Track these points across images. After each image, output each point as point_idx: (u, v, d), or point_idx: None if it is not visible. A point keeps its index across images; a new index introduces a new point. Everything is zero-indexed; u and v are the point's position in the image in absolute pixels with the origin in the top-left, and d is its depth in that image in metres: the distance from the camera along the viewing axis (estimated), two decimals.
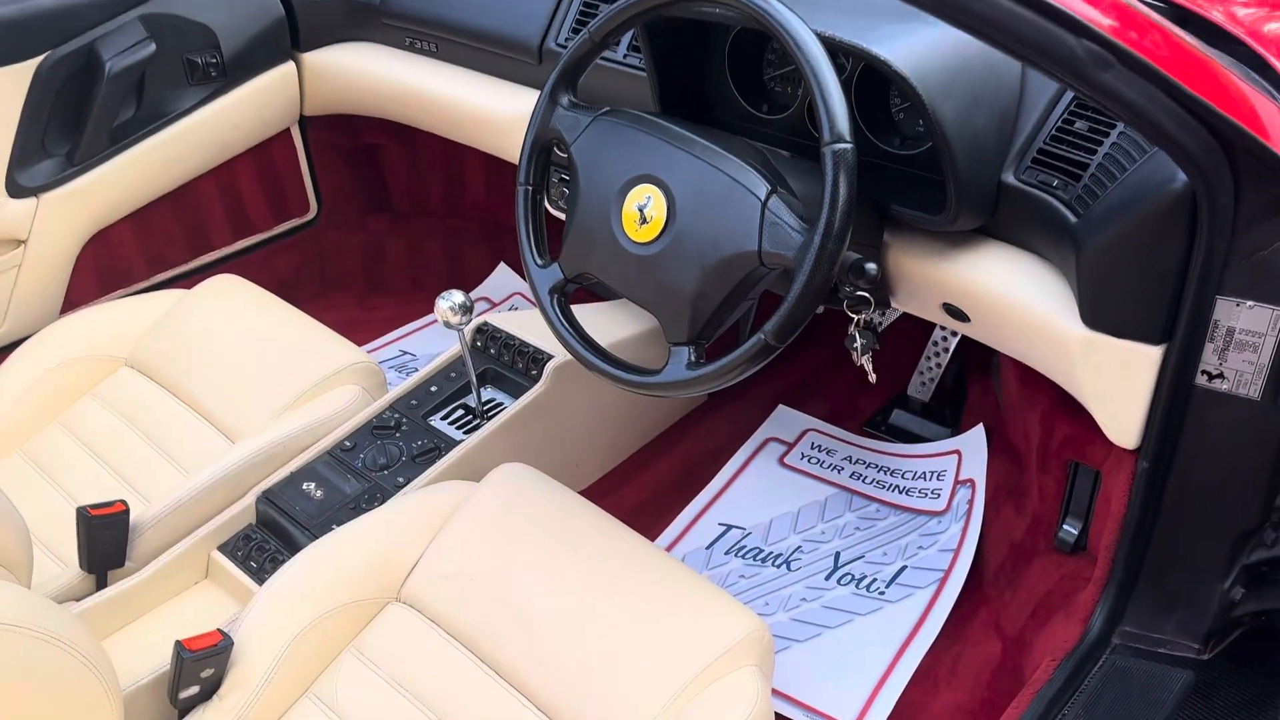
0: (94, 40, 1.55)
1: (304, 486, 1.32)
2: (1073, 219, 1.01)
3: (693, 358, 1.01)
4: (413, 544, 1.14)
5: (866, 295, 1.11)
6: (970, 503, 1.42)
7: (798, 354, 1.79)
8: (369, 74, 1.75)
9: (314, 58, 1.78)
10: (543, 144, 1.13)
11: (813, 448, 1.61)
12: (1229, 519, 1.05)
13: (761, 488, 1.54)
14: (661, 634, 1.01)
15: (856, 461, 1.58)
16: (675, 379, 1.01)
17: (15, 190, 1.55)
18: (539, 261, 1.13)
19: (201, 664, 1.04)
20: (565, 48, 1.38)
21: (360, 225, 2.01)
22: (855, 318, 1.14)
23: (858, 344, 1.15)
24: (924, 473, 1.52)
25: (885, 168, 1.18)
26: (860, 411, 1.69)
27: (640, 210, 1.03)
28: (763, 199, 0.96)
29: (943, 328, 1.62)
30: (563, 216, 1.32)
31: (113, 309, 1.55)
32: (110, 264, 1.70)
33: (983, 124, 1.05)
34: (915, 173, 1.15)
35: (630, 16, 1.04)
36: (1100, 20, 0.78)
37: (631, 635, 1.01)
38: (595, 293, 1.70)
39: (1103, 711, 1.07)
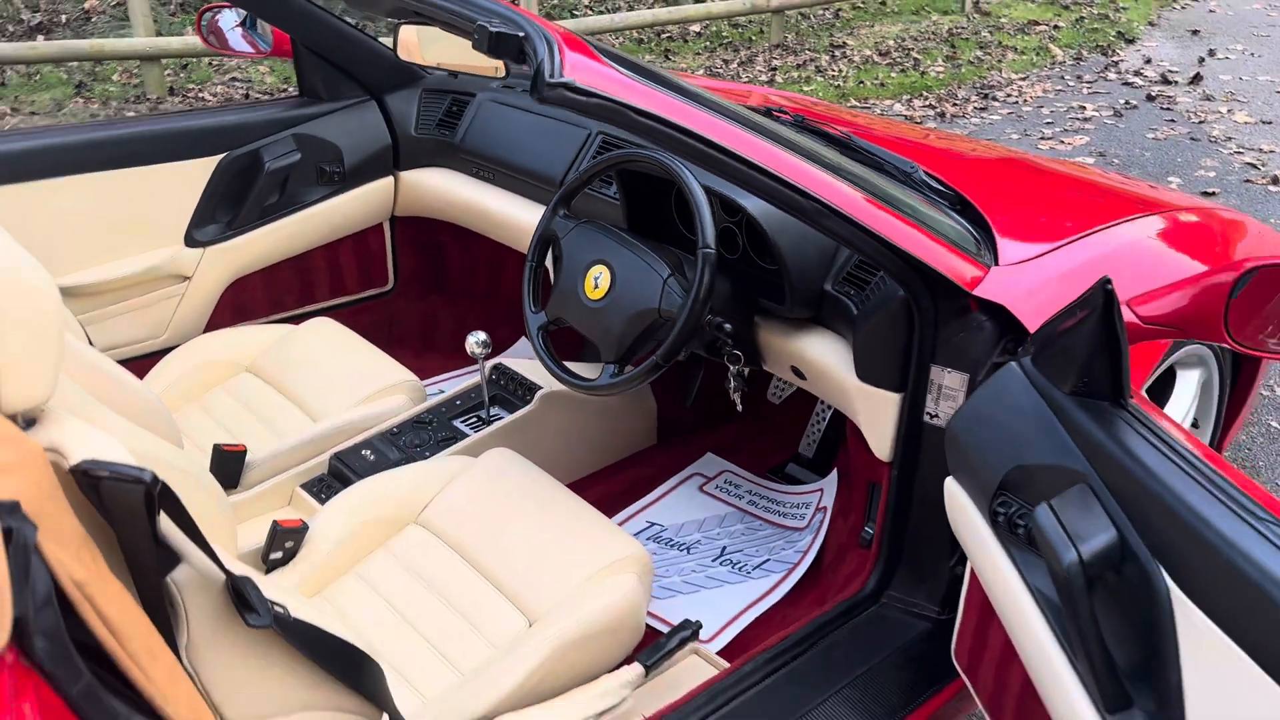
0: (259, 147, 2.28)
1: (362, 452, 1.95)
2: (855, 312, 1.65)
3: (615, 371, 1.65)
4: (430, 489, 1.75)
5: (739, 354, 1.74)
6: (821, 522, 2.01)
7: (727, 424, 2.41)
8: (443, 190, 2.45)
9: (407, 175, 2.49)
10: (545, 238, 1.80)
11: (725, 482, 2.21)
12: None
13: (681, 503, 2.14)
14: (581, 548, 1.61)
15: (753, 494, 2.17)
16: (603, 383, 1.65)
17: (190, 242, 2.25)
18: (533, 309, 1.79)
19: (286, 537, 1.65)
20: None
21: (423, 299, 2.69)
22: (733, 367, 1.77)
23: (732, 384, 1.77)
24: (797, 503, 2.11)
25: (755, 275, 1.82)
26: (766, 463, 2.30)
27: (595, 280, 1.69)
28: (664, 277, 1.62)
29: (821, 405, 2.23)
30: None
31: (240, 333, 2.23)
32: (243, 302, 2.38)
33: (811, 253, 1.70)
34: (773, 280, 1.80)
35: (596, 171, 1.73)
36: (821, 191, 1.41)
37: (563, 548, 1.61)
38: (568, 330, 2.33)
39: (859, 637, 1.63)
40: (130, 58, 5.39)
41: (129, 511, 0.99)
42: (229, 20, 2.50)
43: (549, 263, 1.93)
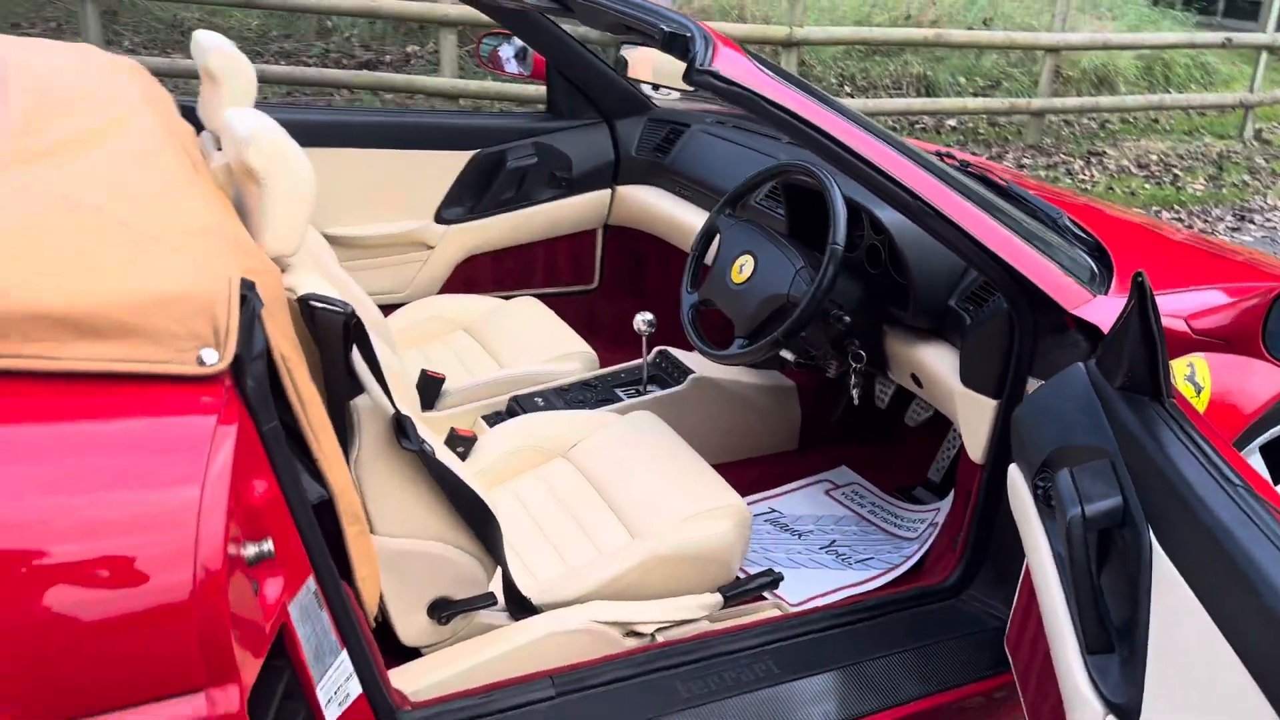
0: (506, 149, 2.72)
1: (535, 399, 2.29)
2: (968, 323, 1.82)
3: (743, 344, 1.90)
4: (580, 433, 2.06)
5: (862, 354, 1.95)
6: (930, 535, 2.14)
7: (866, 443, 2.57)
8: (650, 206, 2.80)
9: (623, 189, 2.86)
10: (708, 231, 2.09)
11: (852, 491, 2.38)
12: None
13: (805, 500, 2.33)
14: (691, 491, 1.86)
15: (875, 505, 2.33)
16: (731, 353, 1.91)
17: (439, 219, 2.71)
18: (689, 290, 2.07)
19: (459, 442, 2.01)
20: None
21: (621, 300, 3.04)
22: (855, 365, 1.98)
23: (853, 380, 1.98)
24: (913, 519, 2.25)
25: (889, 286, 2.01)
26: (895, 483, 2.44)
27: (741, 267, 1.96)
28: (797, 268, 1.87)
29: (953, 432, 2.36)
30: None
31: (464, 299, 2.65)
32: (471, 275, 2.82)
33: (939, 269, 1.89)
34: (903, 292, 1.99)
35: (759, 179, 2.01)
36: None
37: (675, 489, 1.86)
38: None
39: (928, 617, 1.77)
40: (435, 94, 6.22)
41: (332, 336, 1.35)
42: (508, 51, 3.00)
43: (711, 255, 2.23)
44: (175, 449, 1.02)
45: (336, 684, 1.30)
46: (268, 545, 1.12)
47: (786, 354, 2.43)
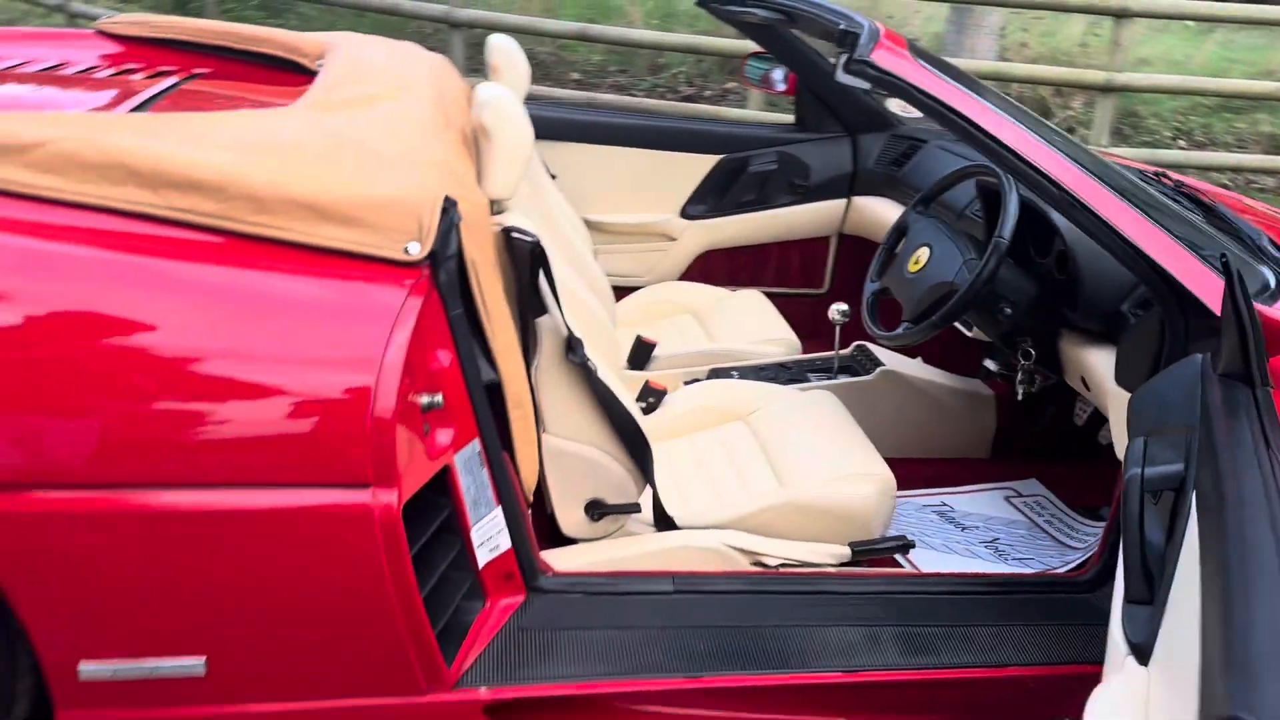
0: (751, 155, 3.00)
1: (732, 373, 2.53)
2: (1131, 323, 1.86)
3: (908, 327, 2.05)
4: (761, 401, 2.28)
5: (1031, 351, 2.03)
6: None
7: (1062, 462, 2.57)
8: (882, 216, 2.96)
9: (859, 200, 3.04)
10: (898, 227, 2.25)
11: (1034, 502, 2.41)
12: None
13: (981, 501, 2.40)
14: (843, 455, 2.03)
15: (1054, 517, 2.35)
16: (895, 334, 2.06)
17: (684, 214, 3.03)
18: (871, 280, 2.24)
19: (651, 393, 2.30)
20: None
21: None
22: (1024, 362, 2.06)
23: (1019, 375, 2.06)
24: (1088, 532, 2.25)
25: (1066, 290, 2.06)
26: (1082, 501, 2.43)
27: (918, 257, 2.10)
28: (965, 259, 1.99)
29: None
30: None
31: (697, 287, 2.95)
32: (707, 268, 3.11)
33: (1111, 273, 1.93)
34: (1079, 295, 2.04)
35: (948, 181, 2.15)
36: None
37: (829, 451, 2.04)
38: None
39: (1055, 603, 1.82)
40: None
41: (522, 261, 1.69)
42: (778, 74, 3.29)
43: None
44: (376, 310, 1.39)
45: (489, 533, 1.62)
46: (439, 398, 1.47)
47: (990, 364, 2.52)
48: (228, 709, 1.45)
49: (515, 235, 1.71)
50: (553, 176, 2.75)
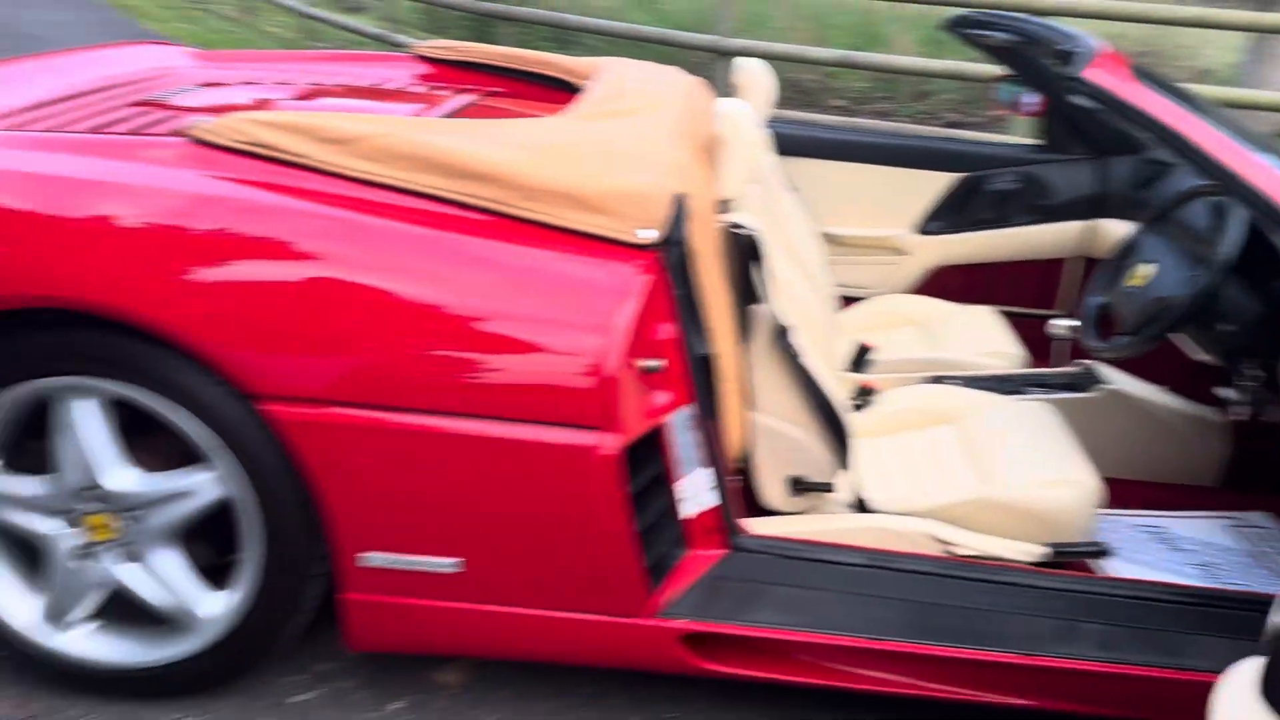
0: (992, 175, 3.06)
1: (948, 381, 2.62)
2: None
3: (1123, 341, 2.09)
4: (975, 407, 2.37)
5: (1260, 374, 2.02)
6: None
7: None
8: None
9: (1101, 222, 3.03)
10: (1127, 245, 2.28)
11: (1261, 533, 2.34)
12: None
13: (1199, 526, 2.35)
14: (1049, 460, 2.09)
15: (1277, 550, 2.27)
16: (1110, 345, 2.10)
17: (920, 229, 3.14)
18: (1095, 294, 2.28)
19: (863, 393, 2.44)
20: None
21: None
22: (1251, 385, 2.04)
23: (1247, 402, 2.05)
24: None
25: None
26: None
27: (1141, 272, 2.13)
28: (1185, 276, 2.01)
29: None
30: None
31: (925, 301, 3.05)
32: (938, 284, 3.19)
33: None
34: None
35: (1175, 200, 2.16)
36: None
37: (1036, 455, 2.11)
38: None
39: (1256, 622, 1.81)
40: None
41: (741, 253, 1.91)
42: (1029, 97, 3.33)
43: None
44: (611, 284, 1.66)
45: (695, 489, 1.85)
46: (659, 363, 1.71)
47: (1223, 391, 2.47)
48: (472, 606, 1.75)
49: (736, 229, 1.94)
50: (794, 190, 2.94)
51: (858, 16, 9.71)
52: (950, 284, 3.19)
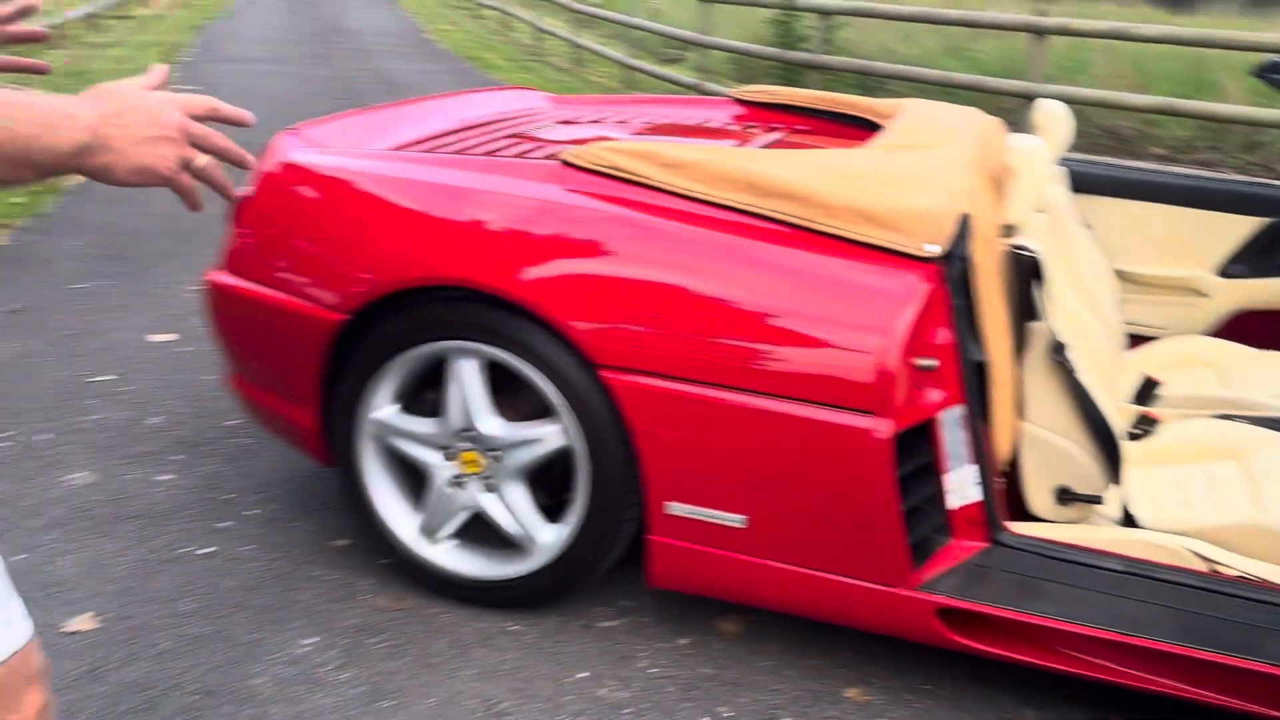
0: None
1: (1238, 420, 2.62)
2: None
3: None
4: (1260, 445, 2.38)
5: None
6: None
7: None
8: None
9: None
10: None
11: None
12: None
13: None
14: None
15: None
16: None
17: (1222, 272, 3.12)
18: None
19: (1145, 423, 2.51)
20: None
21: None
22: None
23: None
24: None
25: None
26: None
27: None
28: None
29: None
30: None
31: (1221, 344, 3.02)
32: (1238, 328, 3.14)
33: None
34: None
35: None
36: None
37: None
38: None
39: None
40: None
41: (1021, 273, 2.11)
42: None
43: None
44: (895, 290, 1.92)
45: (961, 483, 2.05)
46: (933, 363, 1.95)
47: None
48: (754, 560, 2.05)
49: (1018, 251, 2.13)
50: (1088, 226, 3.04)
51: (1186, 64, 9.25)
52: (1251, 329, 3.14)
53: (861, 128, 2.91)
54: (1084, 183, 3.12)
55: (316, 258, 2.25)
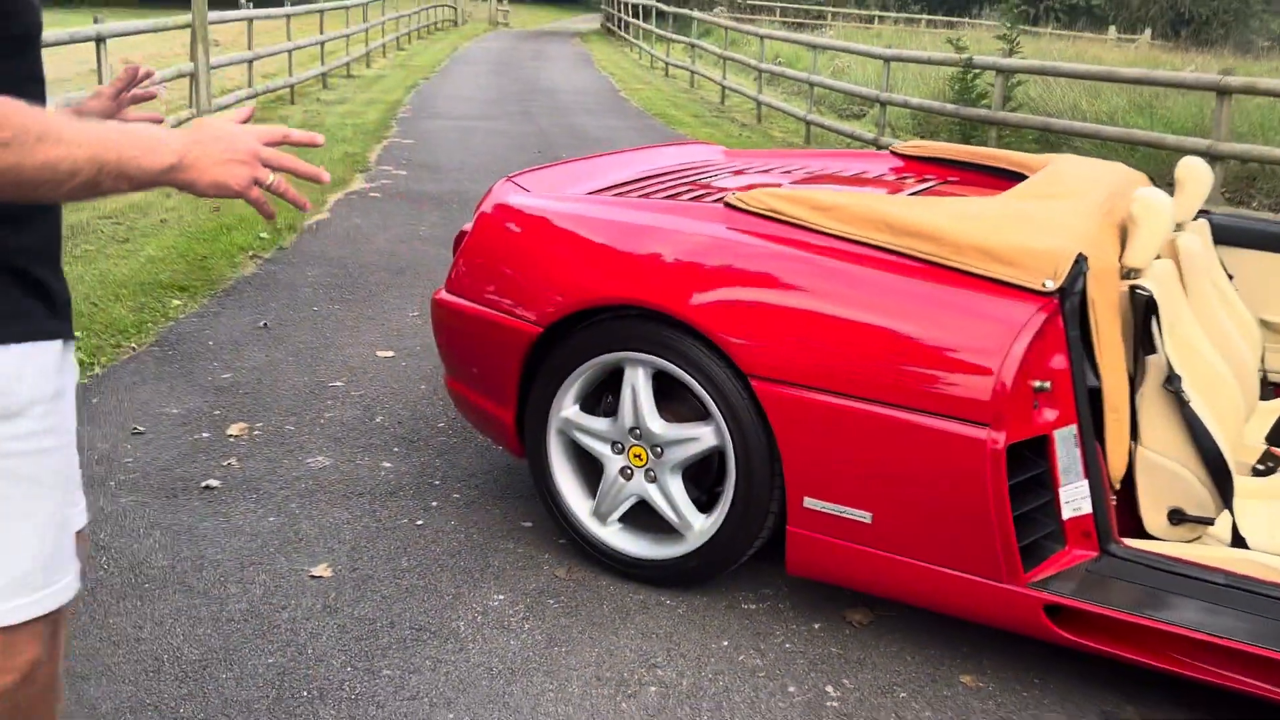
0: None
1: None
2: None
3: None
4: None
5: None
6: None
7: None
8: None
9: None
10: None
11: None
12: None
13: None
14: None
15: None
16: None
17: None
18: None
19: (1271, 459, 2.64)
20: None
21: None
22: None
23: None
24: None
25: None
26: None
27: None
28: None
29: None
30: None
31: None
32: None
33: None
34: None
35: None
36: None
37: None
38: None
39: None
40: None
41: (1138, 309, 2.34)
42: None
43: None
44: (1014, 318, 2.19)
45: (1074, 496, 2.28)
46: (1047, 384, 2.20)
47: None
48: (877, 552, 2.33)
49: (1137, 290, 2.35)
50: (1230, 276, 3.17)
51: None
52: None
53: (1010, 179, 3.17)
54: (1228, 235, 3.25)
55: (519, 281, 2.71)
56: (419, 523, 2.94)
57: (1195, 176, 2.96)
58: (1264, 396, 3.14)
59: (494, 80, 16.96)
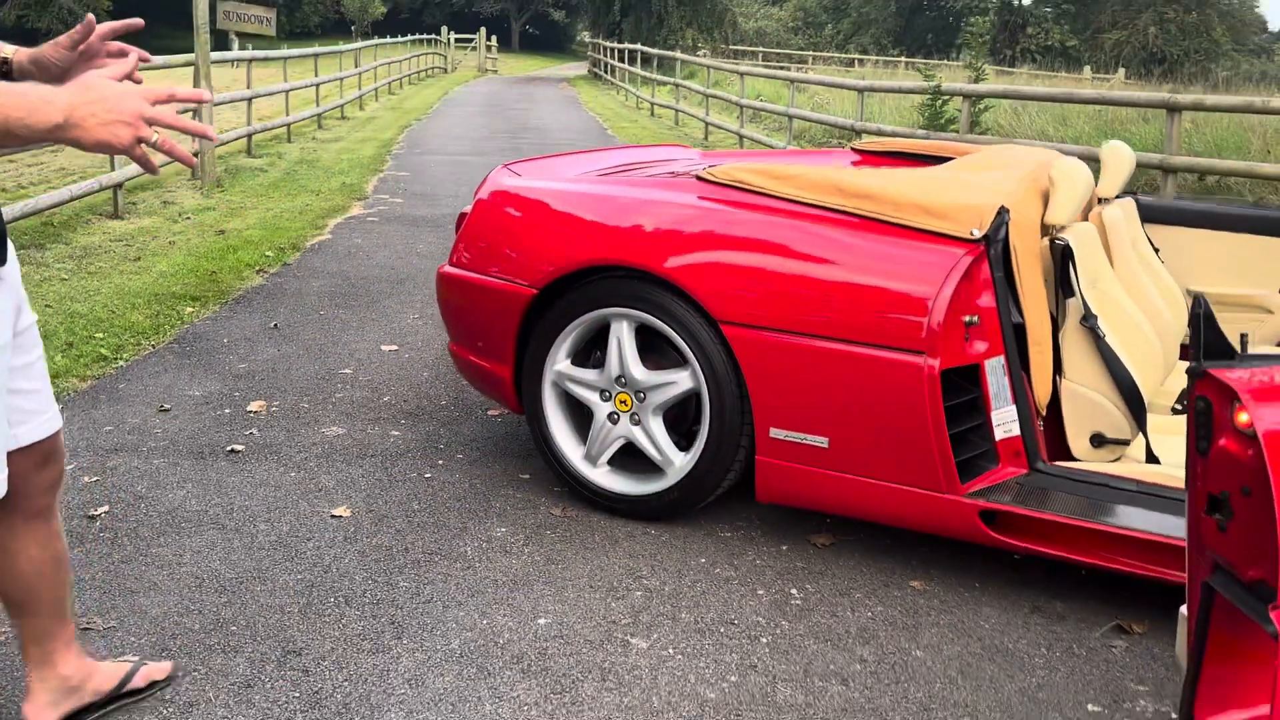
0: None
1: None
2: None
3: None
4: None
5: None
6: None
7: None
8: None
9: None
10: None
11: None
12: None
13: None
14: None
15: None
16: None
17: None
18: None
19: (1184, 399, 2.98)
20: None
21: None
22: None
23: None
24: None
25: None
26: None
27: None
28: None
29: None
30: None
31: None
32: None
33: None
34: None
35: None
36: None
37: None
38: None
39: None
40: None
41: (1056, 256, 2.69)
42: None
43: None
44: (945, 260, 2.54)
45: (1005, 419, 2.61)
46: (976, 318, 2.54)
47: None
48: (832, 474, 2.65)
49: (1054, 239, 2.70)
50: (1155, 250, 3.53)
51: None
52: None
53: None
54: (1154, 214, 3.62)
55: (515, 251, 3.05)
56: (427, 475, 3.25)
57: (1118, 157, 3.32)
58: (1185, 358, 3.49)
59: (485, 120, 17.45)
